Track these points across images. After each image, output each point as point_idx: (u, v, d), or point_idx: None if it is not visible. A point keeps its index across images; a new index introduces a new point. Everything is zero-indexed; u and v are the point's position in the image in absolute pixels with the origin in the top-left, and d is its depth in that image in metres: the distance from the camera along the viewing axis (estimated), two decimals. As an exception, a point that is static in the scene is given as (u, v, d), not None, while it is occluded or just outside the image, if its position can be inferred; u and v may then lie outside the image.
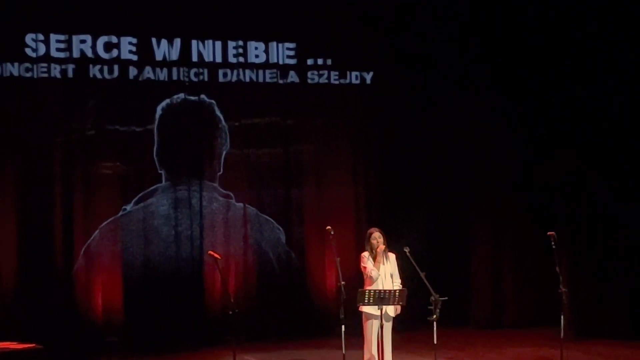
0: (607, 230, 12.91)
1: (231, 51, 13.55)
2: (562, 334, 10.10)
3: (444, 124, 14.19)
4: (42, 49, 12.64)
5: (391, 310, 9.67)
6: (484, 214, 14.40)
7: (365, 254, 9.84)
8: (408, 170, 14.22)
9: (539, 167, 13.90)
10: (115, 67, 12.99)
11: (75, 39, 12.80)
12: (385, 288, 9.57)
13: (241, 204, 13.60)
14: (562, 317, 10.13)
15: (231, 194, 13.56)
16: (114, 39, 12.97)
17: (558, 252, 10.16)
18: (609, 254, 12.87)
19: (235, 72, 13.58)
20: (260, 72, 13.69)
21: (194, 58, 13.35)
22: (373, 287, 9.64)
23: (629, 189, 12.82)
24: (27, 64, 12.59)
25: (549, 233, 10.19)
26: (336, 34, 13.89)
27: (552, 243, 10.13)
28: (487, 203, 14.34)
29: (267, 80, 13.71)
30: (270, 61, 13.71)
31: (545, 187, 13.81)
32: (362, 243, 10.20)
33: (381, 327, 9.53)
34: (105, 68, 12.94)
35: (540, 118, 13.74)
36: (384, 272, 9.78)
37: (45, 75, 12.65)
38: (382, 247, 9.73)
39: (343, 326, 9.20)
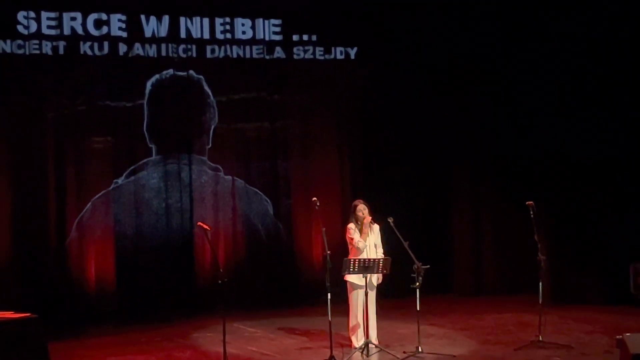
0: (583, 200, 12.99)
1: (218, 27, 13.51)
2: (540, 300, 10.19)
3: (427, 97, 14.22)
4: (33, 27, 12.58)
5: (374, 279, 9.79)
6: (465, 184, 14.47)
7: (351, 225, 9.92)
8: (391, 142, 14.26)
9: (518, 138, 13.95)
10: (105, 44, 12.94)
11: (66, 16, 12.74)
12: (370, 257, 9.68)
13: (230, 177, 13.62)
14: (540, 283, 10.22)
15: (220, 167, 13.58)
16: (104, 16, 12.92)
17: (536, 221, 10.25)
18: (584, 223, 12.96)
19: (222, 48, 13.55)
20: (247, 48, 13.66)
21: (182, 34, 13.30)
22: (358, 257, 9.74)
23: (605, 160, 12.91)
24: (19, 41, 12.52)
25: (527, 203, 10.28)
26: (321, 10, 13.87)
27: (531, 212, 10.21)
28: (469, 174, 14.41)
29: (254, 56, 13.69)
30: (257, 37, 13.69)
31: (524, 158, 13.87)
32: (347, 213, 10.27)
33: (366, 294, 9.64)
34: (96, 45, 12.89)
35: (520, 92, 13.77)
36: (368, 243, 9.88)
37: (37, 52, 12.59)
38: (368, 218, 9.84)
39: (329, 294, 9.29)
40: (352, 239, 9.87)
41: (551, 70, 13.34)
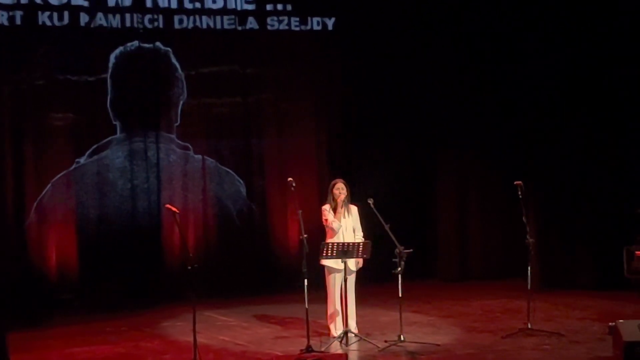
0: (572, 181, 13.05)
1: (187, -4, 13.44)
2: (529, 285, 10.22)
3: (410, 71, 14.18)
4: (-12, -5, 12.47)
5: (352, 264, 9.77)
6: (450, 164, 14.51)
7: (326, 206, 9.92)
8: (372, 119, 14.21)
9: (506, 117, 13.96)
10: (66, 14, 12.83)
11: (23, -17, 12.64)
12: (346, 241, 9.66)
13: (200, 156, 13.59)
14: (529, 268, 10.25)
15: (189, 146, 13.53)
16: (64, -16, 12.83)
17: (525, 202, 10.26)
18: (574, 205, 13.02)
19: (191, 18, 13.46)
20: (218, 18, 13.58)
21: (148, 4, 13.22)
22: (334, 240, 9.73)
23: (595, 139, 12.96)
24: (-27, 11, 12.41)
25: (515, 183, 10.28)
26: (296, -22, 13.82)
27: (519, 193, 10.21)
28: (454, 153, 14.44)
29: (225, 26, 13.60)
30: (228, 7, 13.61)
31: (511, 138, 13.89)
32: (324, 195, 10.25)
33: (345, 280, 9.62)
34: (55, 15, 12.78)
35: (506, 70, 13.75)
36: (345, 225, 9.86)
37: (-8, 22, 12.51)
38: (342, 197, 9.81)
39: (306, 280, 9.29)
40: (326, 220, 9.86)
41: (540, 47, 13.34)
